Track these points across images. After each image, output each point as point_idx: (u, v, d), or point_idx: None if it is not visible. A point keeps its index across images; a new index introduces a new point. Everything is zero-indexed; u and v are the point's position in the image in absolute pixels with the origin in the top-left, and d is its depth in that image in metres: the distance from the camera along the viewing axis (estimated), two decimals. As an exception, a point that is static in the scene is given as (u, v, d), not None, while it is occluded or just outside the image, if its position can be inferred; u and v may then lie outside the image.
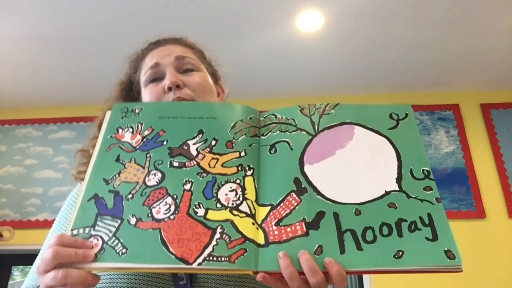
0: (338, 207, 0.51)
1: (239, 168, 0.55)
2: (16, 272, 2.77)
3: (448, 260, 0.46)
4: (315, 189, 0.53)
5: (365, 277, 2.33)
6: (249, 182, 0.55)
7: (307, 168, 0.55)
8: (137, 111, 0.63)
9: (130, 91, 0.82)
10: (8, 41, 2.31)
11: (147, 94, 0.74)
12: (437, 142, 2.68)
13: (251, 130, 0.60)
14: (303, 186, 0.53)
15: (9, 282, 2.62)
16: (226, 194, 0.53)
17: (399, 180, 0.53)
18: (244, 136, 0.59)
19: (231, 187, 0.54)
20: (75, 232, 0.51)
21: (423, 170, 0.54)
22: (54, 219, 0.74)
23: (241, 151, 0.57)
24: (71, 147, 2.73)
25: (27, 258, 2.52)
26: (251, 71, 2.62)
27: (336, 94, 2.84)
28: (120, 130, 0.61)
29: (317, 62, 2.56)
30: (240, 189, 0.53)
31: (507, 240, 2.37)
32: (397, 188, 0.52)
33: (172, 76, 0.72)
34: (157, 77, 0.74)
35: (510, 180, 2.53)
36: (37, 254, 0.70)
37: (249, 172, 0.55)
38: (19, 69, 2.56)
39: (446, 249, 0.47)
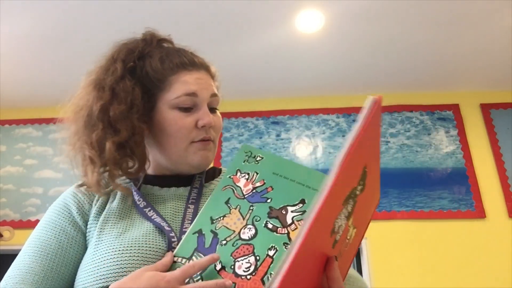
0: None
1: None
2: (16, 272, 2.76)
3: None
4: None
5: (365, 276, 2.33)
6: None
7: None
8: (258, 158, 0.66)
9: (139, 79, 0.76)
10: (8, 41, 2.31)
11: (173, 120, 0.71)
12: (437, 142, 2.68)
13: None
14: None
15: (9, 282, 2.62)
16: None
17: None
18: None
19: None
20: (175, 259, 0.57)
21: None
22: None
23: None
24: (71, 147, 2.73)
25: (27, 258, 2.53)
26: (250, 71, 2.62)
27: (336, 94, 2.84)
28: (238, 173, 0.64)
29: (317, 62, 2.56)
30: None
31: (507, 240, 2.37)
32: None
33: (208, 116, 0.72)
34: (190, 107, 0.73)
35: (510, 180, 2.53)
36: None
37: None
38: (19, 69, 2.56)
39: None
